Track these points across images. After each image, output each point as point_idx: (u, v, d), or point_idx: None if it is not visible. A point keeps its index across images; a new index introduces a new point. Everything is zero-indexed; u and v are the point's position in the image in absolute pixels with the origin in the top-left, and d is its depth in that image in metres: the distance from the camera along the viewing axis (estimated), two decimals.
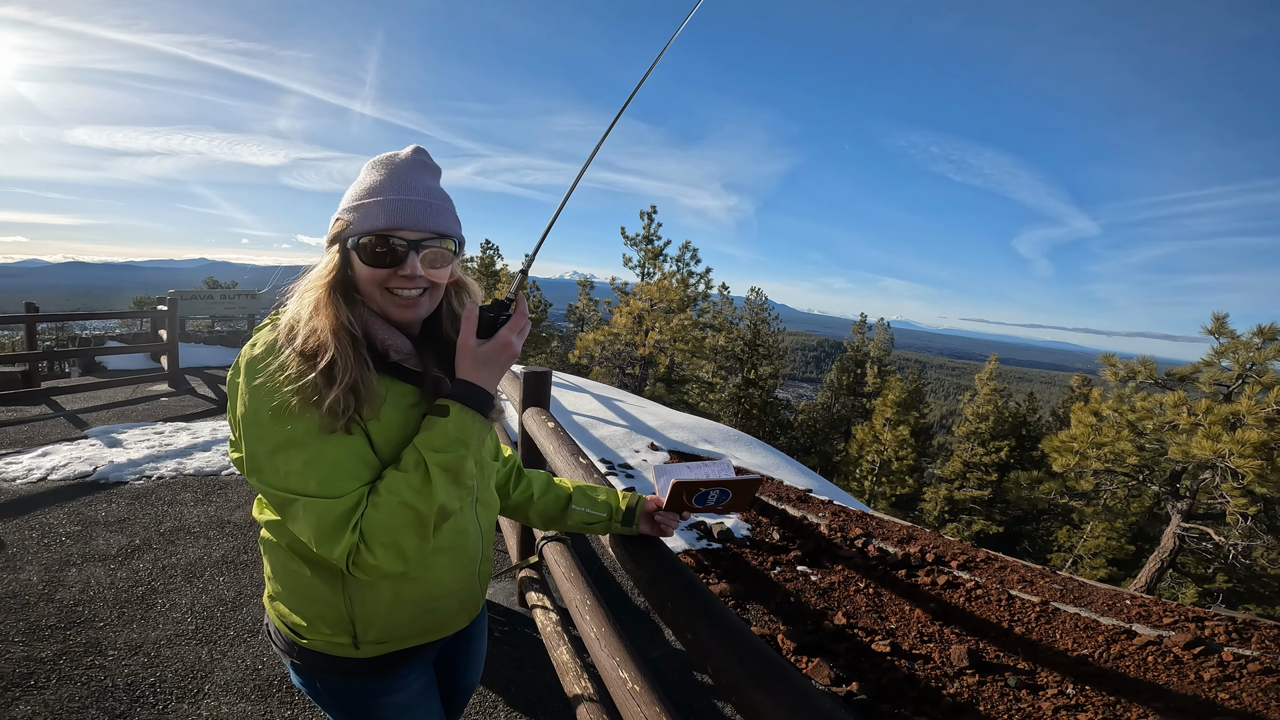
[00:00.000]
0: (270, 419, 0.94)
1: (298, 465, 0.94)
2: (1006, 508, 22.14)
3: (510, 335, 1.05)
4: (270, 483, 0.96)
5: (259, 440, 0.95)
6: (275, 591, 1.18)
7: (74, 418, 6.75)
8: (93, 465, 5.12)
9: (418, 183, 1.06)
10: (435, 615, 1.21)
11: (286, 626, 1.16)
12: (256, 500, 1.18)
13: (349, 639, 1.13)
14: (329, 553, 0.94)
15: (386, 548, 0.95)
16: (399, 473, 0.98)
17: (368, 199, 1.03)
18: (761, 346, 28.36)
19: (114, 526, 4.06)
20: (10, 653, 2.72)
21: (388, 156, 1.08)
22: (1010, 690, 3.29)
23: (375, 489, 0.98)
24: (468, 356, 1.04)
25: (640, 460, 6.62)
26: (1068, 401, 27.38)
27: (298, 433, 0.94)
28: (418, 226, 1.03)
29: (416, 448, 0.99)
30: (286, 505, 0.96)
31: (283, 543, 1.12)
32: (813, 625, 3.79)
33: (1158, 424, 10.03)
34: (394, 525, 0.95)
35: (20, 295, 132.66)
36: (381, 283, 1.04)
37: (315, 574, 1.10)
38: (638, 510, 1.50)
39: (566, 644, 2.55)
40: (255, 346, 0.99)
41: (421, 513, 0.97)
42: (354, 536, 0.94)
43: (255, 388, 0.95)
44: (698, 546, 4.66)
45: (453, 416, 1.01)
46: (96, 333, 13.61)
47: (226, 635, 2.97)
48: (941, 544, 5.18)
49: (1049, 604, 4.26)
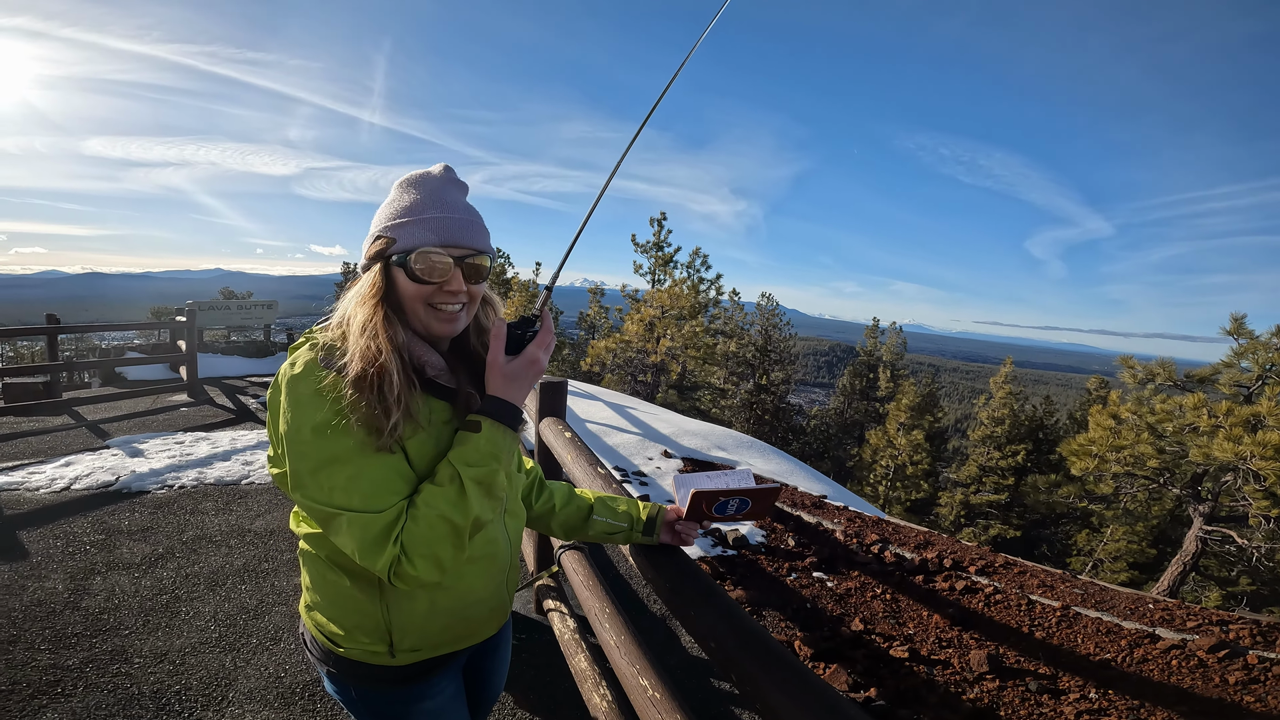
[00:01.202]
0: (312, 436, 0.97)
1: (341, 481, 0.97)
2: (1024, 512, 21.90)
3: (538, 352, 1.11)
4: (314, 498, 0.98)
5: (302, 457, 0.98)
6: (313, 601, 1.21)
7: (95, 428, 6.86)
8: (115, 475, 5.20)
9: (455, 200, 1.10)
10: (467, 623, 1.24)
11: (324, 635, 1.18)
12: (294, 514, 1.20)
13: (385, 647, 1.15)
14: (372, 565, 0.97)
15: (426, 559, 0.98)
16: (436, 487, 1.01)
17: (411, 217, 1.07)
18: (773, 352, 28.28)
19: (137, 535, 4.12)
20: (37, 660, 2.77)
21: (420, 175, 1.12)
22: (1031, 695, 3.25)
23: (414, 503, 1.01)
24: (498, 373, 1.08)
25: (654, 468, 6.62)
26: (1085, 404, 27.06)
27: (340, 450, 0.97)
28: (461, 243, 1.08)
29: (451, 463, 1.02)
30: (330, 520, 0.99)
31: (322, 554, 1.14)
32: (829, 631, 3.77)
33: (1178, 426, 9.89)
34: (432, 537, 0.99)
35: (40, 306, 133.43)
36: (426, 298, 1.08)
37: (353, 584, 1.12)
38: (658, 520, 1.52)
39: (584, 651, 2.56)
40: (295, 366, 1.01)
41: (458, 525, 1.00)
42: (395, 549, 0.97)
43: (298, 406, 0.98)
44: (713, 553, 4.65)
45: (485, 432, 1.04)
46: (116, 343, 13.83)
47: (249, 643, 3.01)
48: (959, 549, 5.14)
49: (1070, 608, 4.21)
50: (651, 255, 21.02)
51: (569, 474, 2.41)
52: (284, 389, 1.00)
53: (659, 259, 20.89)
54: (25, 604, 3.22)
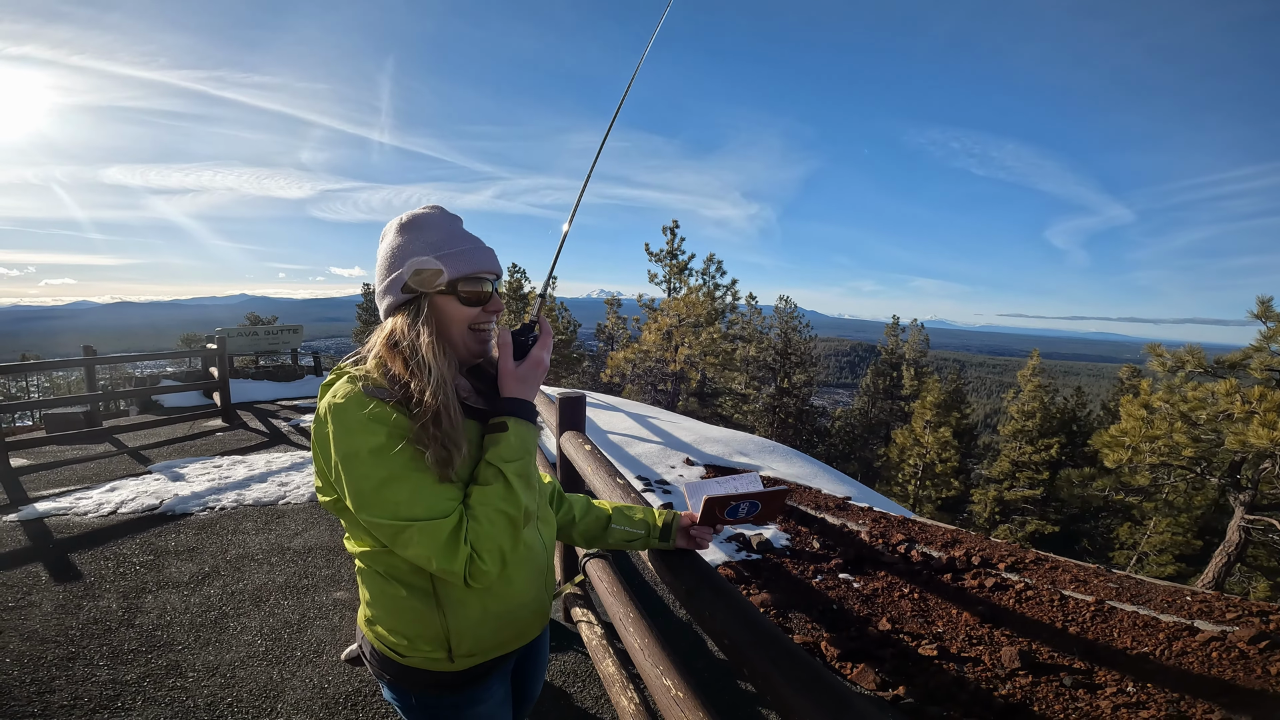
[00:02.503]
0: (371, 458, 1.06)
1: (404, 496, 1.07)
2: (1061, 506, 21.45)
3: (541, 353, 1.25)
4: (380, 515, 1.07)
5: (364, 478, 1.07)
6: (374, 615, 1.29)
7: (137, 454, 7.11)
8: (159, 499, 5.40)
9: (468, 233, 1.24)
10: (515, 625, 1.33)
11: (386, 646, 1.27)
12: (347, 537, 1.28)
13: (445, 653, 1.24)
14: (450, 566, 1.08)
15: (492, 553, 1.11)
16: (484, 487, 1.13)
17: (451, 249, 1.19)
18: (793, 355, 28.14)
19: (184, 555, 4.29)
20: (97, 676, 2.92)
21: (426, 214, 1.23)
22: (1066, 690, 3.24)
23: (469, 505, 1.13)
24: (510, 378, 1.22)
25: (676, 476, 6.68)
26: (1118, 394, 26.45)
27: (398, 467, 1.07)
28: (492, 269, 1.23)
29: (491, 462, 1.15)
30: (399, 533, 1.07)
31: (380, 570, 1.22)
32: (857, 631, 3.79)
33: (1211, 414, 9.67)
34: (494, 532, 1.11)
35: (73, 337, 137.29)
36: (471, 321, 1.21)
37: (411, 595, 1.21)
38: (674, 526, 1.62)
39: (612, 656, 2.63)
40: (337, 397, 1.10)
41: (513, 516, 1.13)
42: (468, 548, 1.09)
43: (351, 433, 1.07)
44: (737, 558, 4.69)
45: (513, 430, 1.17)
46: (150, 371, 14.24)
47: (294, 656, 3.14)
48: (988, 546, 5.12)
49: (1104, 603, 4.18)
50: (666, 263, 21.09)
51: (590, 486, 2.49)
52: (331, 420, 1.10)
53: (674, 267, 20.96)
54: (82, 622, 3.39)
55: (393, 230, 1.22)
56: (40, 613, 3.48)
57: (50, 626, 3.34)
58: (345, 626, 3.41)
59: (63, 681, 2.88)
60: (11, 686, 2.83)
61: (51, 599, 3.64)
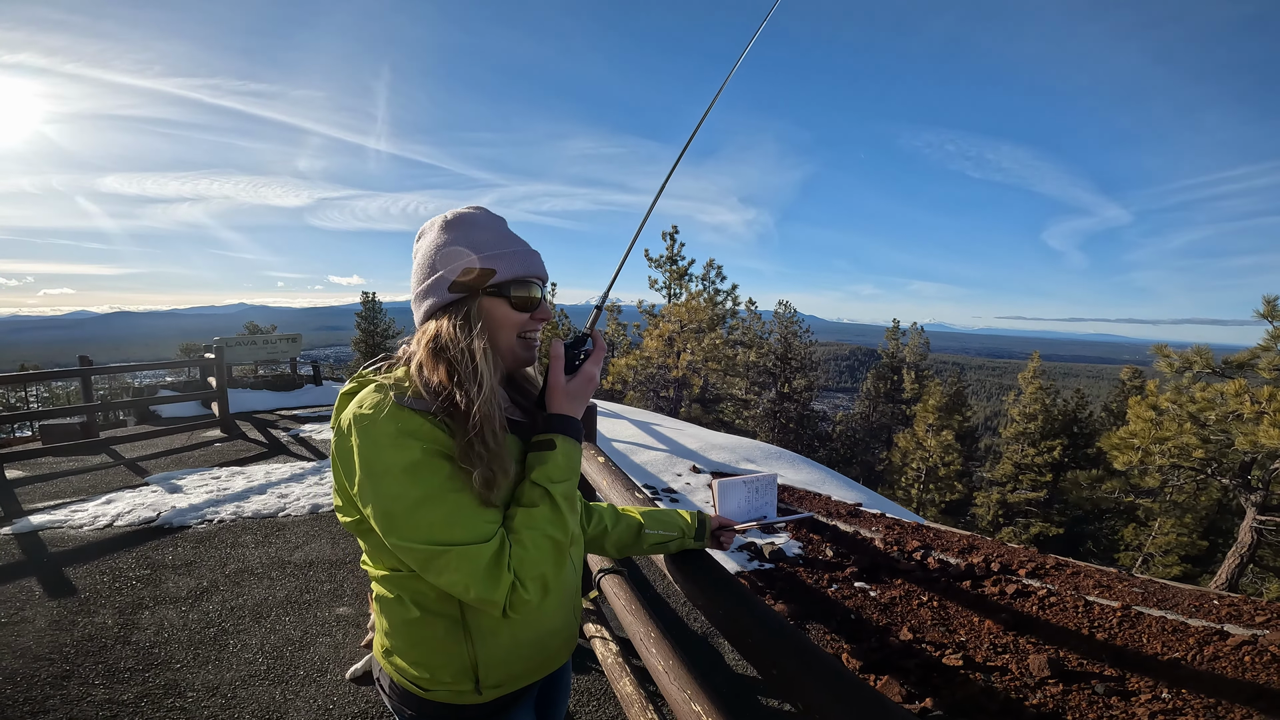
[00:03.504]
0: (405, 476, 0.95)
1: (440, 517, 0.96)
2: (1065, 508, 21.38)
3: (594, 369, 1.16)
4: (413, 538, 0.96)
5: (394, 499, 0.95)
6: (394, 646, 1.17)
7: (134, 465, 7.00)
8: (156, 511, 5.28)
9: (515, 234, 1.15)
10: (545, 653, 1.23)
11: (407, 680, 1.15)
12: (364, 559, 1.17)
13: (472, 685, 1.13)
14: (490, 595, 0.96)
15: (535, 581, 0.99)
16: (529, 509, 1.03)
17: (502, 249, 1.10)
18: (794, 359, 28.08)
19: (182, 569, 4.17)
20: (93, 695, 2.80)
21: (472, 213, 1.13)
22: (1099, 698, 3.14)
23: (512, 529, 1.01)
24: (560, 393, 1.12)
25: (683, 484, 6.57)
26: (1120, 396, 26.43)
27: (434, 487, 0.96)
28: (541, 274, 1.14)
29: (537, 482, 1.04)
30: (433, 558, 0.96)
31: (406, 596, 1.10)
32: (878, 642, 3.68)
33: (1220, 414, 9.60)
34: (539, 558, 1.00)
35: (72, 347, 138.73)
36: (520, 327, 1.11)
37: (437, 624, 1.10)
38: (707, 524, 1.61)
39: (629, 675, 2.52)
40: (364, 407, 0.99)
41: (559, 541, 1.03)
42: (510, 575, 0.97)
43: (381, 448, 0.96)
44: (750, 568, 4.58)
45: (561, 448, 1.07)
46: (148, 381, 14.12)
47: (297, 675, 3.02)
48: (1006, 552, 5.01)
49: (1131, 608, 4.07)
50: (666, 269, 21.00)
51: (605, 498, 2.39)
52: (356, 433, 0.98)
53: (674, 273, 20.87)
54: (76, 639, 3.26)
55: (435, 228, 1.12)
56: (34, 629, 3.36)
57: (44, 643, 3.22)
58: (349, 644, 3.29)
59: (57, 701, 2.76)
60: (4, 706, 2.71)
61: (45, 615, 3.52)
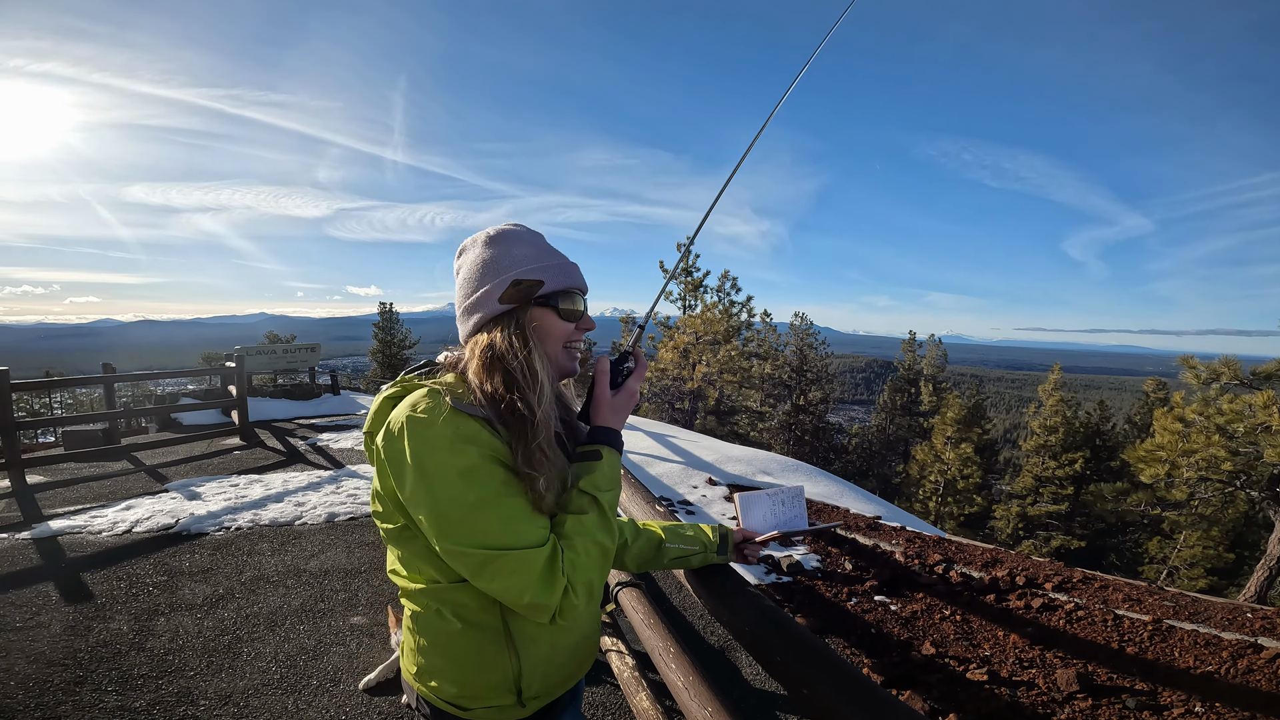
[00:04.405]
0: (461, 480, 0.95)
1: (496, 522, 0.96)
2: (1087, 521, 20.98)
3: (636, 384, 1.21)
4: (468, 542, 0.96)
5: (450, 503, 0.95)
6: (430, 666, 1.14)
7: (154, 472, 7.06)
8: (174, 518, 5.31)
9: (555, 248, 1.18)
10: (578, 660, 1.23)
11: (445, 701, 1.13)
12: (392, 570, 1.15)
13: (514, 698, 1.12)
14: (545, 600, 0.96)
15: (585, 586, 1.01)
16: (579, 515, 1.04)
17: (550, 261, 1.13)
18: (809, 372, 27.91)
19: (198, 576, 4.18)
20: (105, 702, 2.79)
21: (510, 229, 1.17)
22: (1130, 712, 3.04)
23: (563, 534, 1.02)
24: (605, 406, 1.17)
25: (700, 496, 6.50)
26: (1143, 408, 25.98)
27: (489, 491, 0.96)
28: (584, 286, 1.19)
29: (585, 490, 1.07)
30: (488, 563, 0.96)
31: (446, 609, 1.08)
32: (899, 656, 3.59)
33: (1249, 426, 9.39)
34: (589, 564, 1.02)
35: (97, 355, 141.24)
36: (565, 337, 1.15)
37: (480, 636, 1.08)
38: (730, 539, 1.59)
39: (646, 690, 2.47)
40: (418, 411, 0.98)
41: (608, 548, 1.06)
42: (564, 580, 0.98)
43: (437, 451, 0.95)
44: (767, 581, 4.51)
45: (606, 459, 1.11)
46: (170, 389, 14.32)
47: (310, 685, 2.99)
48: (1031, 565, 4.89)
49: (1162, 622, 3.95)
50: (681, 281, 20.93)
51: (625, 512, 2.35)
52: (409, 436, 0.97)
53: (689, 284, 20.79)
54: (91, 645, 3.26)
55: (480, 244, 1.15)
56: (49, 634, 3.37)
57: (58, 649, 3.22)
58: (363, 654, 3.26)
59: (69, 707, 2.75)
60: (15, 711, 2.70)
61: (61, 620, 3.53)
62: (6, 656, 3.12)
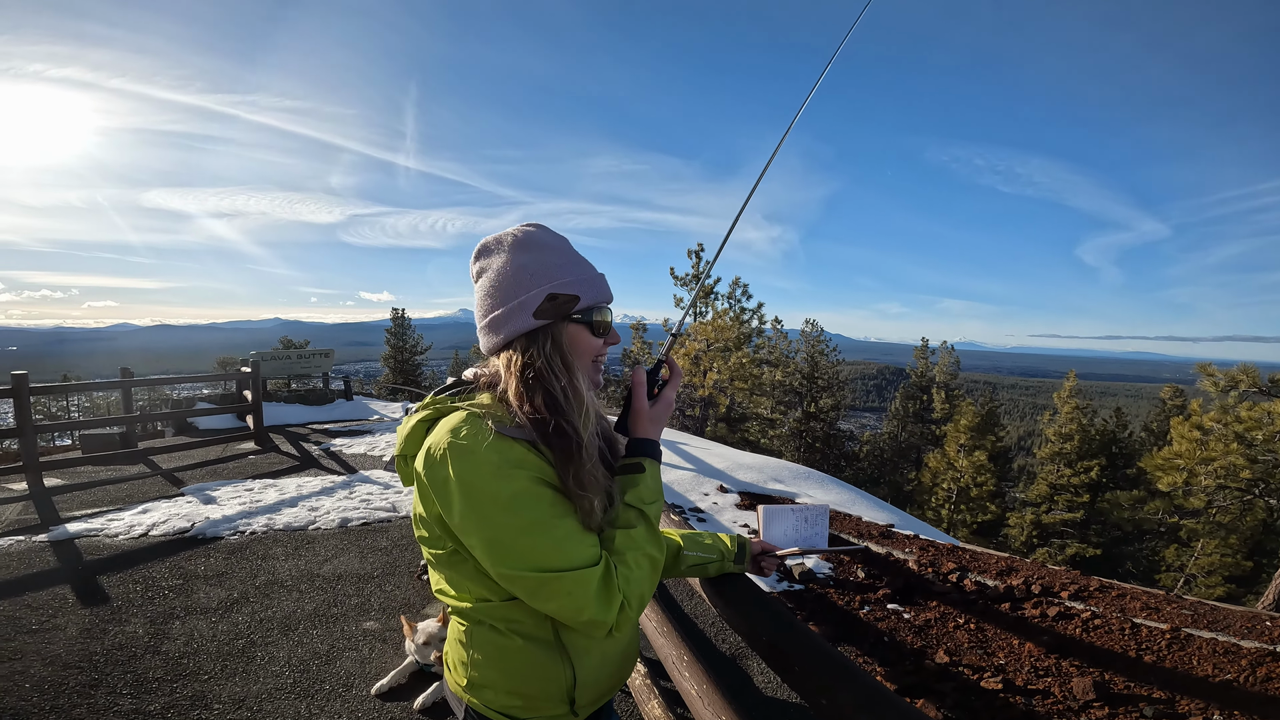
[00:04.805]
0: (510, 505, 0.94)
1: (549, 544, 0.95)
2: (1103, 529, 20.72)
3: (672, 394, 1.20)
4: (523, 566, 0.95)
5: (502, 528, 0.95)
6: (483, 678, 1.12)
7: (170, 476, 7.14)
8: (190, 521, 5.36)
9: (582, 256, 1.14)
10: (622, 667, 1.23)
11: (497, 712, 1.12)
12: (439, 591, 1.13)
13: (567, 707, 1.12)
14: (603, 617, 0.97)
15: (639, 599, 1.02)
16: (628, 530, 1.04)
17: (579, 273, 1.09)
18: (820, 378, 27.79)
19: (213, 580, 4.21)
20: (119, 705, 2.80)
21: (535, 233, 1.11)
22: None
23: (615, 550, 1.02)
24: (644, 417, 1.17)
25: (711, 503, 6.48)
26: (1161, 415, 25.66)
27: (541, 514, 0.96)
28: (611, 300, 1.16)
29: (631, 504, 1.07)
30: (544, 585, 0.96)
31: (501, 625, 1.08)
32: (912, 665, 3.56)
33: (1268, 434, 9.25)
34: (641, 577, 1.03)
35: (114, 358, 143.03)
36: (596, 352, 1.13)
37: (535, 648, 1.08)
38: (747, 548, 1.57)
39: (658, 698, 2.47)
40: (460, 437, 0.96)
41: (657, 560, 1.06)
42: (620, 595, 0.99)
43: (485, 477, 0.94)
44: (779, 589, 4.49)
45: (648, 470, 1.11)
46: (186, 394, 14.48)
47: (322, 690, 3.00)
48: (1047, 574, 4.83)
49: (1180, 630, 3.90)
50: (691, 287, 20.87)
51: None
52: (453, 463, 0.95)
53: (700, 291, 20.70)
54: (106, 648, 3.28)
55: (505, 249, 1.10)
56: (64, 636, 3.40)
57: (74, 651, 3.24)
58: (376, 659, 3.27)
59: (84, 710, 2.76)
60: (30, 714, 2.72)
61: (77, 623, 3.56)
62: (23, 659, 3.15)
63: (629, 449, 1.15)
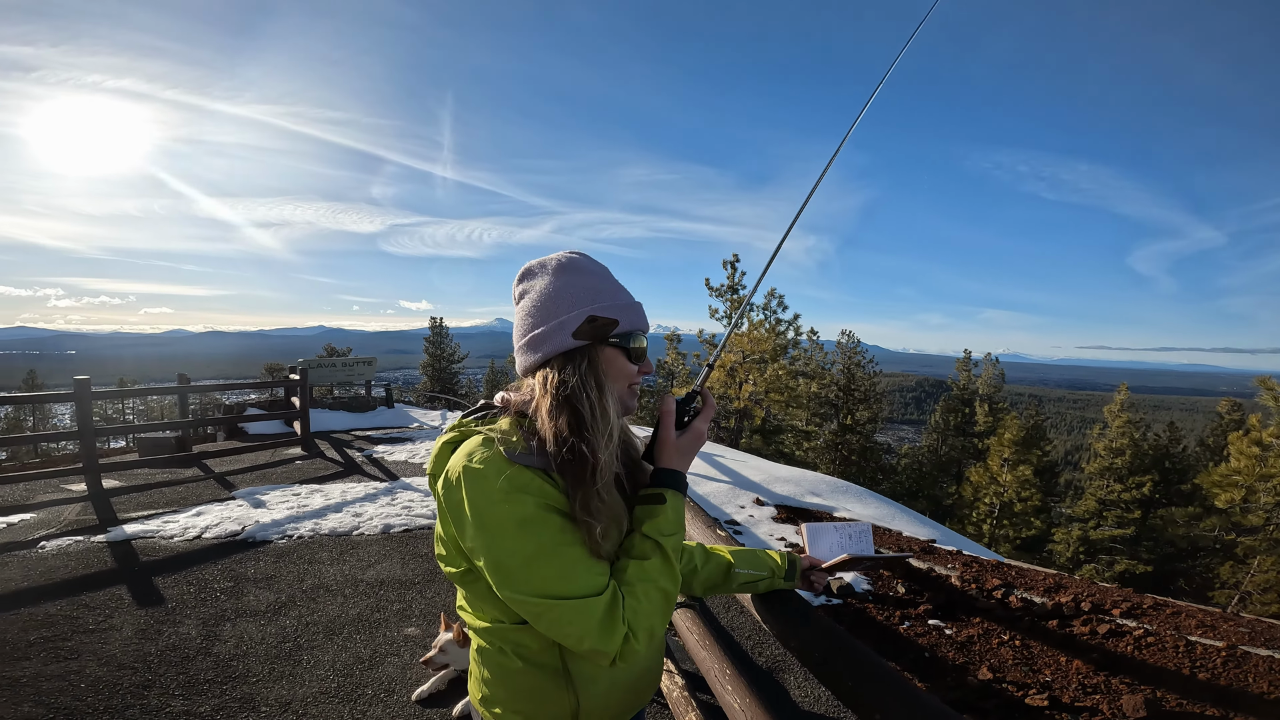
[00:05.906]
0: (518, 530, 0.96)
1: (554, 572, 0.97)
2: (1155, 545, 19.87)
3: (703, 426, 1.17)
4: (527, 592, 0.97)
5: (508, 553, 0.97)
6: (494, 695, 1.17)
7: (222, 479, 7.39)
8: (241, 525, 5.55)
9: (620, 283, 1.17)
10: (637, 695, 1.23)
11: None
12: (460, 607, 1.18)
13: None
14: (604, 647, 0.97)
15: (646, 632, 1.00)
16: (641, 561, 1.04)
17: (619, 299, 1.11)
18: (857, 390, 27.32)
19: (262, 583, 4.34)
20: (171, 706, 2.89)
21: (577, 259, 1.14)
22: None
23: (625, 580, 1.02)
24: (671, 448, 1.14)
25: (747, 516, 6.44)
26: (1217, 430, 24.56)
27: (547, 541, 0.97)
28: (649, 325, 1.17)
29: (649, 535, 1.06)
30: (547, 611, 0.97)
31: (508, 648, 1.11)
32: (954, 681, 3.48)
33: None
34: (650, 609, 1.02)
35: (169, 364, 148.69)
36: (631, 378, 1.13)
37: (539, 673, 1.11)
38: (797, 565, 1.58)
39: (696, 711, 2.46)
40: (474, 461, 0.99)
41: (670, 594, 1.05)
42: (624, 627, 0.98)
43: (494, 503, 0.97)
44: (816, 603, 4.43)
45: (670, 502, 1.09)
46: (235, 399, 14.97)
47: (365, 694, 3.07)
48: (1098, 591, 4.67)
49: (1237, 648, 3.74)
50: (726, 298, 20.69)
51: (687, 535, 2.37)
52: (466, 487, 0.98)
53: (734, 302, 20.53)
54: (160, 649, 3.40)
55: (549, 272, 1.12)
56: (120, 637, 3.52)
57: (129, 652, 3.35)
58: (416, 665, 3.33)
59: (137, 711, 2.84)
60: (84, 713, 2.79)
61: (133, 623, 3.69)
62: (79, 659, 3.26)
63: (652, 479, 1.13)
